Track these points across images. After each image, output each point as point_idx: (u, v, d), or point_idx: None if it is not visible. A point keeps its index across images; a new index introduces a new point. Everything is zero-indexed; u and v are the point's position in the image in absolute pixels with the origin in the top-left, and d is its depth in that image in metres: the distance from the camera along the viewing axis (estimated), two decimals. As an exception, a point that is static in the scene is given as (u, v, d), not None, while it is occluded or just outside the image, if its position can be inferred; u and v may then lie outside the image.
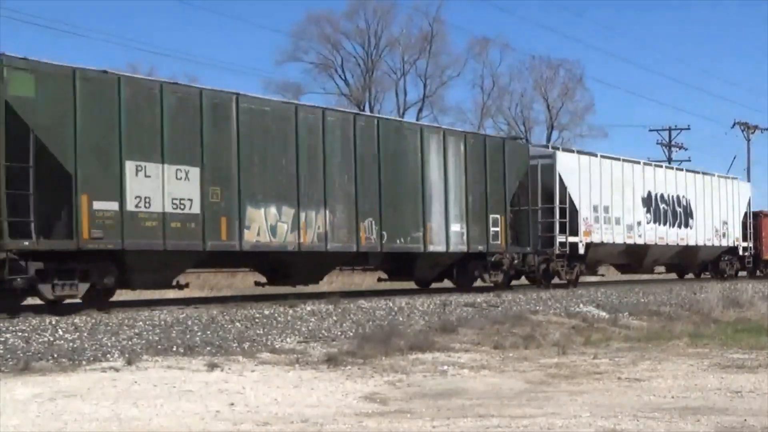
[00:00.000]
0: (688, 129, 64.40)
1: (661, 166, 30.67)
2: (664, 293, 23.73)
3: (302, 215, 17.61)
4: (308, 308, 15.95)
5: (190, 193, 15.71)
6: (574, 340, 14.31)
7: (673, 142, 63.60)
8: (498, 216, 22.19)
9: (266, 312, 15.17)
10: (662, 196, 28.90)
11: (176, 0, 76.42)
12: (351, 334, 13.79)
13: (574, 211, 24.77)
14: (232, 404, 8.42)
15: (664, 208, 28.97)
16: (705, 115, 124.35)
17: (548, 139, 60.29)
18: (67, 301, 14.74)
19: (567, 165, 24.91)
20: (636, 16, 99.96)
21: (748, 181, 47.49)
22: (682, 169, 32.11)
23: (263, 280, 19.32)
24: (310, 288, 21.35)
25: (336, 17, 59.72)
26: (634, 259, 28.95)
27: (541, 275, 24.37)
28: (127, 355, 10.93)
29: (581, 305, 19.38)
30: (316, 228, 17.93)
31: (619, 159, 27.46)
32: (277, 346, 12.31)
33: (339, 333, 13.84)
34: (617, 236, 26.65)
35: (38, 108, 13.91)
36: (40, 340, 11.70)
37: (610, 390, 9.41)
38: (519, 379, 10.23)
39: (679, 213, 29.78)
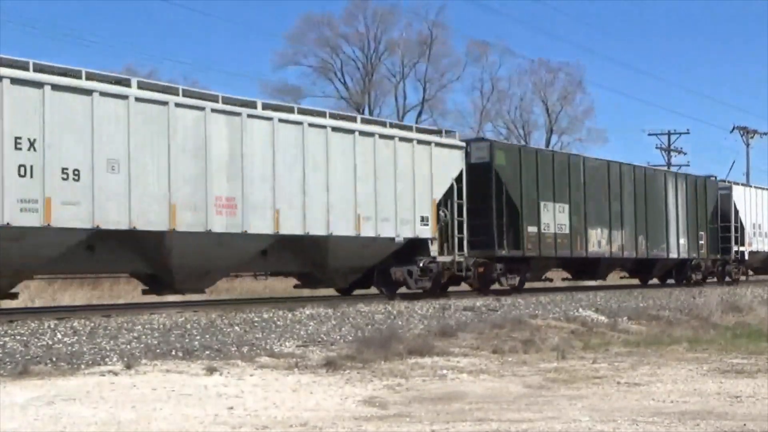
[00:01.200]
0: (688, 133, 64.79)
1: None
2: (663, 297, 23.72)
3: (611, 233, 27.31)
4: (307, 312, 15.95)
5: (564, 221, 25.22)
6: (573, 344, 14.29)
7: (672, 147, 63.75)
8: (702, 232, 32.61)
9: (265, 316, 15.17)
10: None
11: (175, 4, 76.54)
12: (350, 338, 13.78)
13: (742, 228, 34.48)
14: (231, 408, 8.41)
15: None
16: (704, 120, 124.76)
17: (547, 143, 60.50)
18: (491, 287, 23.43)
19: (739, 194, 34.87)
20: (636, 20, 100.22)
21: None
22: None
23: (569, 276, 29.36)
24: (308, 291, 21.47)
25: (335, 21, 59.91)
26: None
27: (718, 274, 34.04)
28: (125, 359, 10.92)
29: (580, 309, 19.38)
30: (617, 242, 27.64)
31: (764, 188, 37.59)
32: (276, 350, 12.30)
33: (338, 337, 13.83)
34: (765, 246, 36.38)
35: (506, 172, 23.39)
36: (39, 344, 11.69)
37: (609, 394, 9.40)
38: (518, 384, 10.22)
39: None
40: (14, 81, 13.85)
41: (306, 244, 18.42)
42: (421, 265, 20.50)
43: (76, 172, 14.54)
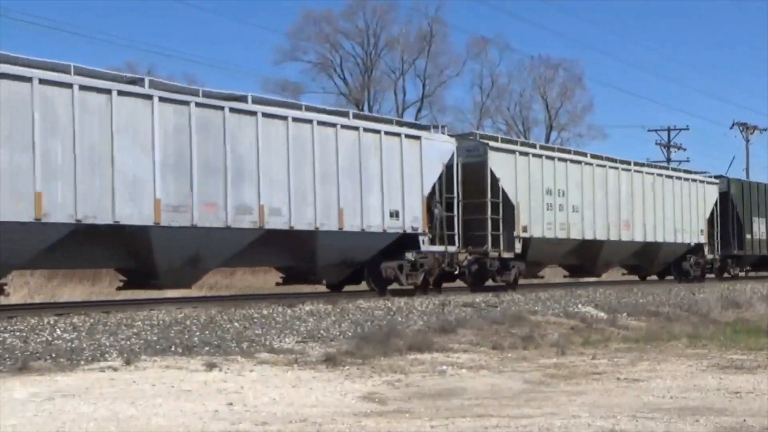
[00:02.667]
0: (687, 129, 64.69)
1: None
2: (663, 294, 23.72)
3: None
4: (307, 308, 15.94)
5: (763, 229, 35.88)
6: (572, 340, 14.30)
7: (671, 143, 63.70)
8: None
9: (265, 312, 15.17)
10: None
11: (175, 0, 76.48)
12: (350, 334, 13.78)
13: None
14: (231, 404, 8.41)
15: None
16: (704, 116, 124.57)
17: (547, 140, 60.38)
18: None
19: None
20: (635, 16, 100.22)
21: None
22: None
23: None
24: (309, 289, 21.49)
25: (335, 17, 59.91)
26: None
27: None
28: (125, 355, 10.92)
29: (580, 306, 19.38)
30: None
31: None
32: (275, 346, 12.31)
33: (338, 333, 13.83)
34: None
35: (736, 197, 34.60)
36: (39, 340, 11.69)
37: (608, 390, 9.41)
38: (518, 380, 10.23)
39: None
40: (546, 157, 24.92)
41: (650, 248, 29.68)
42: (692, 260, 31.98)
43: (577, 208, 25.69)
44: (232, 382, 9.63)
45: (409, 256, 20.22)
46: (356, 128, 18.79)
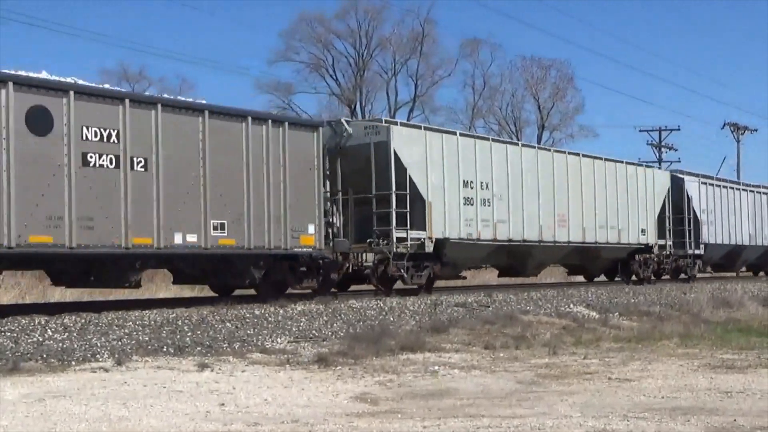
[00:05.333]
0: (678, 130, 64.70)
1: None
2: (654, 293, 23.76)
3: None
4: (299, 308, 15.92)
5: None
6: (564, 340, 14.32)
7: (663, 143, 63.79)
8: None
9: (257, 312, 15.15)
10: None
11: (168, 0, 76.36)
12: (342, 334, 13.77)
13: None
14: (223, 404, 8.40)
15: None
16: (695, 116, 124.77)
17: (538, 140, 60.40)
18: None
19: None
20: (627, 16, 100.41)
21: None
22: None
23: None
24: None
25: (327, 17, 59.84)
26: None
27: None
28: (116, 356, 10.90)
29: (572, 305, 19.39)
30: None
31: None
32: (267, 346, 12.30)
33: (329, 333, 13.82)
34: None
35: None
36: (29, 341, 11.66)
37: (600, 390, 9.42)
38: (509, 380, 10.24)
39: None
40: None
41: None
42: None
43: None
44: (224, 382, 9.62)
45: None
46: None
